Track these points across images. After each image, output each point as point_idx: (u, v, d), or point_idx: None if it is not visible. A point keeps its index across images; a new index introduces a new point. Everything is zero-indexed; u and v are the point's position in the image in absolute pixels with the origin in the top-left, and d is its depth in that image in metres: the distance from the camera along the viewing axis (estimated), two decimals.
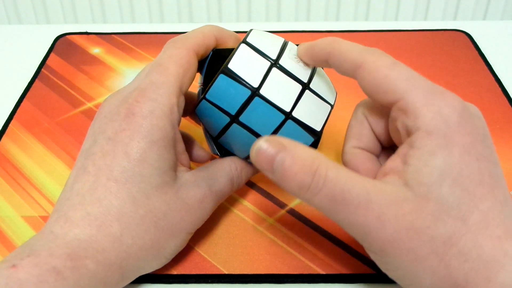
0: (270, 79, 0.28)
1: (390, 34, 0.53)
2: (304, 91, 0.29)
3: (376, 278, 0.30)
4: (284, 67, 0.29)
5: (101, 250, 0.25)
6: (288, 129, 0.29)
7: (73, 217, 0.26)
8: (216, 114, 0.29)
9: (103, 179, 0.26)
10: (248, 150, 0.26)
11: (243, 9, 0.81)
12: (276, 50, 0.29)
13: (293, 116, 0.28)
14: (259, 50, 0.29)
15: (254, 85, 0.28)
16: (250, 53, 0.29)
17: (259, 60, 0.29)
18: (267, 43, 0.30)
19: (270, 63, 0.29)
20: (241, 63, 0.28)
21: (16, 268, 0.23)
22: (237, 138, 0.30)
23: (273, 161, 0.24)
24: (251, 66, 0.28)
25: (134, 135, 0.27)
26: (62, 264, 0.24)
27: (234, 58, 0.28)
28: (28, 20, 0.81)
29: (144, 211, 0.27)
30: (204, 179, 0.29)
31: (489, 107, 0.43)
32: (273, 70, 0.28)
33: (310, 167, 0.24)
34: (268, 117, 0.28)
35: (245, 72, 0.28)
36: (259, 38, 0.30)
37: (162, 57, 0.29)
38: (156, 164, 0.27)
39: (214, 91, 0.29)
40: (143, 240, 0.27)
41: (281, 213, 0.34)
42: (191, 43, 0.29)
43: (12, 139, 0.41)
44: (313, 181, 0.24)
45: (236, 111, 0.28)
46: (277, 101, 0.28)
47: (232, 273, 0.30)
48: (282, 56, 0.29)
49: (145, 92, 0.27)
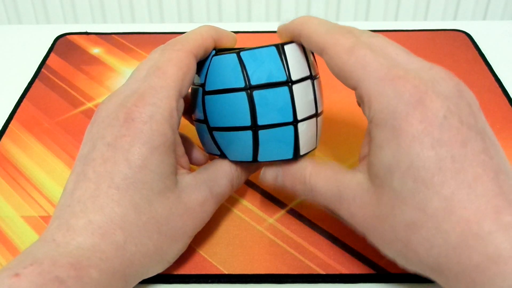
0: (303, 85, 0.29)
1: (390, 34, 0.53)
2: (312, 118, 0.30)
3: (376, 278, 0.30)
4: (315, 87, 0.30)
5: (104, 258, 0.25)
6: (282, 132, 0.29)
7: (75, 225, 0.25)
8: (232, 75, 0.29)
9: (104, 187, 0.26)
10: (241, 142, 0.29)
11: (243, 9, 0.81)
12: (314, 72, 0.31)
13: (298, 126, 0.29)
14: (308, 58, 0.30)
15: (293, 77, 0.29)
16: (300, 53, 0.30)
17: (305, 66, 0.30)
18: (311, 58, 0.31)
19: (309, 74, 0.30)
20: (293, 53, 0.29)
21: (19, 277, 0.23)
22: (233, 114, 0.30)
23: (276, 180, 0.31)
24: (298, 62, 0.29)
25: (134, 141, 0.26)
26: (65, 273, 0.23)
27: (290, 45, 0.29)
28: (28, 20, 0.82)
29: (147, 218, 0.26)
30: (205, 182, 0.29)
31: (489, 107, 0.43)
32: (308, 81, 0.30)
33: (299, 180, 0.29)
34: (277, 110, 0.29)
35: (293, 61, 0.29)
36: (307, 51, 0.31)
37: (160, 60, 0.29)
38: (158, 170, 0.27)
39: (252, 54, 0.29)
40: (146, 246, 0.26)
41: (281, 213, 0.34)
42: (190, 45, 0.29)
43: (12, 139, 0.41)
44: (305, 190, 0.29)
45: (257, 84, 0.29)
46: (298, 105, 0.29)
47: (232, 273, 0.30)
48: (316, 79, 0.31)
49: (144, 97, 0.27)
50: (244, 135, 0.29)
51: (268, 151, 0.30)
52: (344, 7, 0.81)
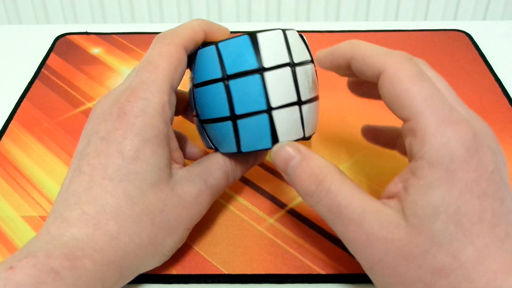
0: (278, 72, 0.28)
1: (390, 34, 0.53)
2: (293, 106, 0.29)
3: None
4: (296, 75, 0.29)
5: (98, 249, 0.25)
6: (258, 120, 0.29)
7: (69, 217, 0.26)
8: (212, 66, 0.29)
9: (98, 178, 0.26)
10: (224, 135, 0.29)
11: (243, 9, 0.81)
12: (301, 58, 0.30)
13: (272, 114, 0.28)
14: (289, 46, 0.29)
15: (266, 65, 0.28)
16: (280, 41, 0.29)
17: (283, 52, 0.29)
18: (298, 46, 0.30)
19: (289, 62, 0.29)
20: (269, 41, 0.29)
21: (14, 269, 0.23)
22: (215, 105, 0.29)
23: (288, 163, 0.27)
24: (274, 49, 0.29)
25: (127, 133, 0.27)
26: (60, 264, 0.24)
27: (266, 33, 0.29)
28: (28, 20, 0.81)
29: (140, 209, 0.27)
30: (198, 174, 0.29)
31: (489, 107, 0.43)
32: (286, 68, 0.29)
33: (317, 176, 0.26)
34: (251, 99, 0.28)
35: (267, 49, 0.28)
36: (293, 37, 0.30)
37: (151, 54, 0.29)
38: (151, 161, 0.27)
39: (228, 45, 0.29)
40: (140, 237, 0.27)
41: (281, 213, 0.34)
42: (180, 38, 0.29)
43: (12, 139, 0.41)
44: (317, 190, 0.26)
45: (232, 73, 0.28)
46: (271, 93, 0.28)
47: (232, 273, 0.30)
48: (300, 66, 0.29)
49: (136, 91, 0.28)
50: (226, 126, 0.29)
51: (249, 141, 0.29)
52: (344, 7, 0.81)
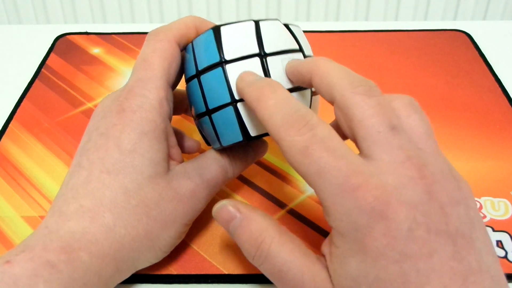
0: (244, 63, 0.28)
1: (390, 34, 0.53)
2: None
3: None
4: (267, 66, 0.28)
5: (94, 241, 0.25)
6: (226, 114, 0.28)
7: (66, 211, 0.26)
8: (190, 62, 0.30)
9: (96, 172, 0.27)
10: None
11: (243, 9, 0.81)
12: (276, 48, 0.28)
13: (237, 106, 0.28)
14: (261, 36, 0.28)
15: (227, 57, 0.28)
16: (249, 32, 0.28)
17: (251, 43, 0.28)
18: (274, 36, 0.28)
19: (258, 52, 0.28)
20: (232, 33, 0.28)
21: (11, 263, 0.23)
22: (198, 98, 0.29)
23: (229, 223, 0.26)
24: (238, 42, 0.28)
25: (125, 128, 0.27)
26: (56, 257, 0.24)
27: (230, 25, 0.28)
28: (28, 20, 0.82)
29: (136, 201, 0.27)
30: (194, 169, 0.30)
31: (489, 107, 0.43)
32: (254, 59, 0.28)
33: (256, 240, 0.25)
34: (217, 93, 0.28)
35: (228, 41, 0.28)
36: (271, 28, 0.29)
37: (146, 51, 0.30)
38: (147, 155, 0.27)
39: (199, 41, 0.29)
40: (136, 230, 0.27)
41: (281, 213, 0.34)
42: (173, 34, 0.30)
43: (12, 139, 0.41)
44: (256, 254, 0.25)
45: (201, 69, 0.29)
46: (234, 85, 0.27)
47: (232, 273, 0.30)
48: (276, 56, 0.28)
49: (133, 89, 0.28)
50: (206, 121, 0.29)
51: (225, 135, 0.29)
52: (344, 7, 0.81)
